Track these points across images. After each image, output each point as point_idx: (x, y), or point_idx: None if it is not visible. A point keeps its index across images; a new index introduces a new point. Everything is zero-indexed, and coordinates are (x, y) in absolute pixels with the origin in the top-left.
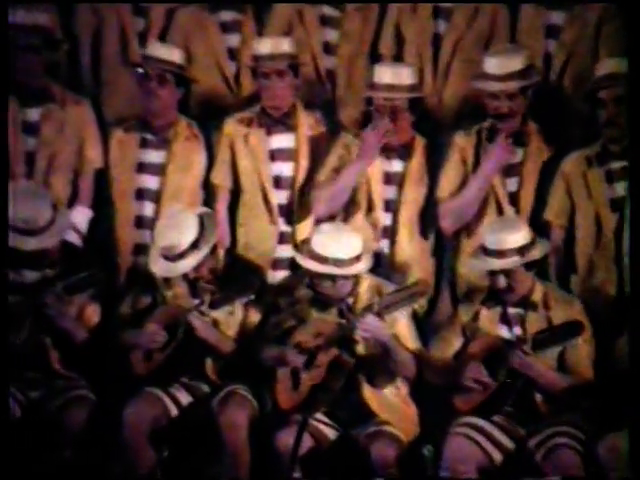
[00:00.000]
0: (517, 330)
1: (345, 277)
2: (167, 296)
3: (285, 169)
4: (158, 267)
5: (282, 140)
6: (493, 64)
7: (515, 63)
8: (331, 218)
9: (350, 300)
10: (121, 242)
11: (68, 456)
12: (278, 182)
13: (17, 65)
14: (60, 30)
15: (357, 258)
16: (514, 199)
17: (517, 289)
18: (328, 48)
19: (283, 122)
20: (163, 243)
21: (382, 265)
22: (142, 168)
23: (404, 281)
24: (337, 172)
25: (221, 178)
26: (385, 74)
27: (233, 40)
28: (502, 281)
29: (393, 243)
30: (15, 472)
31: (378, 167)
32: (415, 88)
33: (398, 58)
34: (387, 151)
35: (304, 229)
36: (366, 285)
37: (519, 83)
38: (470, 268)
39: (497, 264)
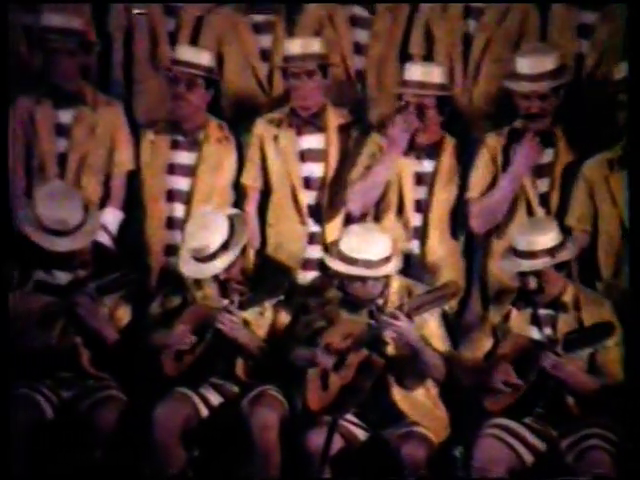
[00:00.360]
0: (547, 331)
1: (375, 278)
2: (197, 297)
3: (315, 169)
4: (188, 268)
5: (312, 140)
6: (525, 64)
7: (547, 63)
8: (362, 218)
9: (380, 301)
10: (152, 243)
11: (99, 456)
12: (308, 182)
13: (51, 68)
14: (94, 32)
15: (387, 259)
16: (545, 200)
17: (548, 290)
18: (358, 48)
19: (313, 122)
20: (193, 244)
21: (412, 266)
22: (173, 169)
23: (434, 282)
24: (369, 171)
25: (251, 179)
26: (416, 72)
27: (265, 41)
28: (533, 282)
29: (424, 244)
30: (47, 472)
31: (409, 168)
32: (445, 87)
33: (428, 58)
34: (417, 151)
35: (334, 230)
36: (396, 286)
37: (551, 83)
38: (500, 269)
39: (527, 265)
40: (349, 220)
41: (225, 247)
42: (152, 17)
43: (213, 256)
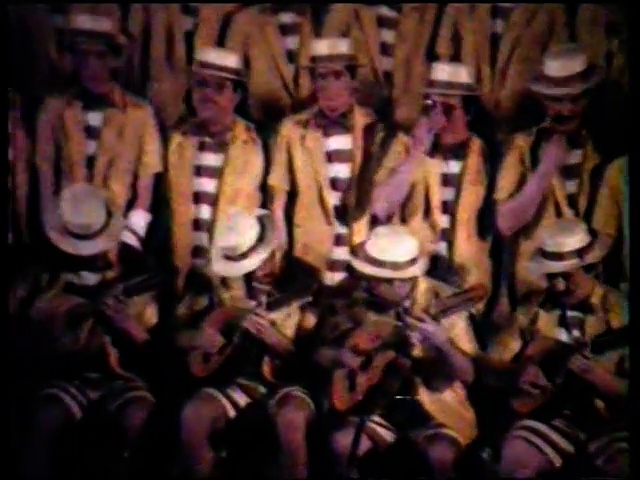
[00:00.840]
0: (575, 333)
1: (402, 280)
2: (224, 298)
3: (342, 170)
4: (219, 267)
5: (339, 141)
6: (553, 67)
7: (576, 65)
8: (388, 219)
9: (407, 303)
10: (179, 245)
11: (127, 457)
12: (335, 183)
13: (81, 70)
14: (122, 35)
15: (413, 261)
16: (573, 201)
17: (577, 292)
18: (385, 49)
19: (340, 123)
20: (225, 243)
21: (439, 267)
22: (200, 171)
23: (462, 283)
24: (394, 171)
25: (278, 180)
26: (443, 71)
27: (292, 42)
28: (561, 284)
29: (451, 245)
30: (76, 472)
31: (436, 169)
32: (471, 88)
33: (455, 58)
34: (443, 152)
35: (361, 231)
36: (423, 288)
37: (581, 86)
38: (529, 271)
39: (556, 267)
40: (375, 221)
41: (256, 246)
42: (169, 16)
43: (244, 255)
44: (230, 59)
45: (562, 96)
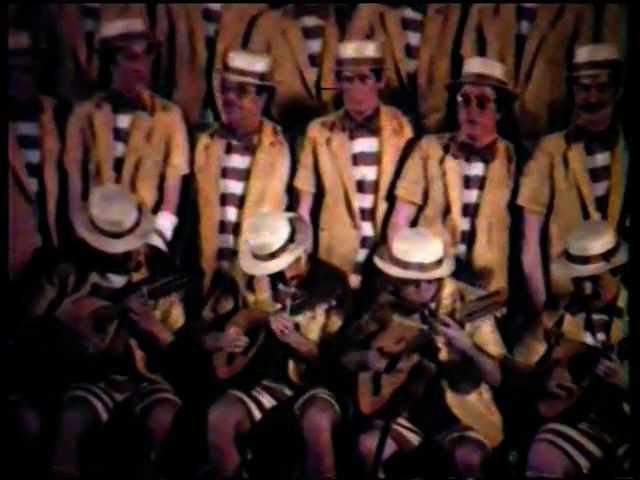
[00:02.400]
0: (601, 336)
1: (428, 281)
2: (249, 301)
3: (368, 173)
4: (248, 265)
5: (365, 144)
6: (583, 52)
7: (606, 52)
8: (412, 223)
9: (432, 305)
10: (205, 247)
11: (154, 458)
12: (361, 186)
13: (117, 74)
14: (154, 33)
15: (439, 262)
16: (602, 204)
17: (603, 295)
18: (410, 51)
19: (366, 126)
20: (254, 241)
21: (460, 270)
22: (226, 173)
23: (484, 286)
24: (417, 183)
25: (304, 183)
26: (475, 64)
27: (314, 46)
28: (588, 287)
29: (471, 248)
30: (102, 474)
31: (457, 170)
32: (503, 83)
33: None
34: (468, 153)
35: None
36: (449, 290)
37: (609, 71)
38: (554, 274)
39: (583, 270)
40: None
41: (286, 247)
42: (191, 20)
43: (274, 255)
44: (256, 64)
45: (591, 81)
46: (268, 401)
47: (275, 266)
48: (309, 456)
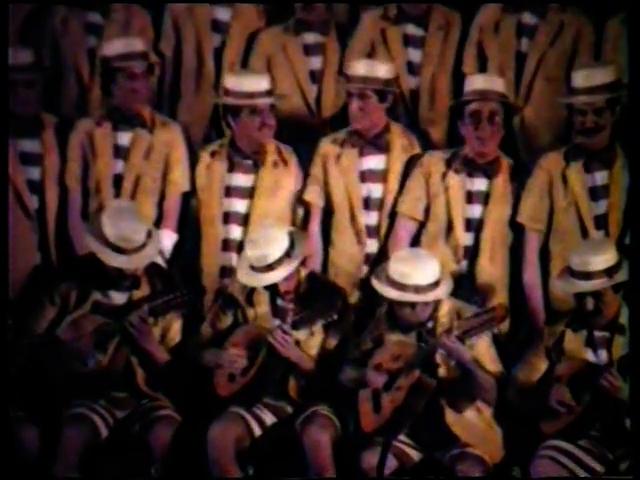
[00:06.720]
0: (602, 354)
1: (425, 303)
2: (249, 316)
3: (375, 190)
4: (246, 277)
5: (374, 161)
6: (580, 77)
7: (602, 76)
8: (413, 241)
9: (430, 324)
10: (207, 265)
11: (154, 475)
12: (367, 203)
13: (116, 91)
14: (153, 53)
15: (436, 284)
16: (601, 222)
17: (605, 311)
18: (411, 68)
19: (375, 143)
20: (252, 253)
21: (462, 286)
22: (230, 192)
23: (485, 302)
24: (419, 199)
25: (313, 196)
26: (477, 81)
27: (315, 62)
28: (590, 303)
29: (473, 264)
30: None
31: (459, 186)
32: (507, 97)
33: None
34: (471, 169)
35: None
36: (446, 309)
37: (605, 96)
38: (556, 290)
39: (586, 286)
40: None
41: (283, 260)
42: (199, 33)
43: (271, 267)
44: (256, 83)
45: (586, 106)
46: (269, 418)
47: (269, 279)
48: (310, 472)
